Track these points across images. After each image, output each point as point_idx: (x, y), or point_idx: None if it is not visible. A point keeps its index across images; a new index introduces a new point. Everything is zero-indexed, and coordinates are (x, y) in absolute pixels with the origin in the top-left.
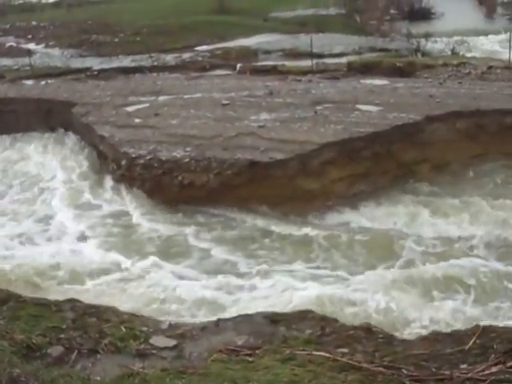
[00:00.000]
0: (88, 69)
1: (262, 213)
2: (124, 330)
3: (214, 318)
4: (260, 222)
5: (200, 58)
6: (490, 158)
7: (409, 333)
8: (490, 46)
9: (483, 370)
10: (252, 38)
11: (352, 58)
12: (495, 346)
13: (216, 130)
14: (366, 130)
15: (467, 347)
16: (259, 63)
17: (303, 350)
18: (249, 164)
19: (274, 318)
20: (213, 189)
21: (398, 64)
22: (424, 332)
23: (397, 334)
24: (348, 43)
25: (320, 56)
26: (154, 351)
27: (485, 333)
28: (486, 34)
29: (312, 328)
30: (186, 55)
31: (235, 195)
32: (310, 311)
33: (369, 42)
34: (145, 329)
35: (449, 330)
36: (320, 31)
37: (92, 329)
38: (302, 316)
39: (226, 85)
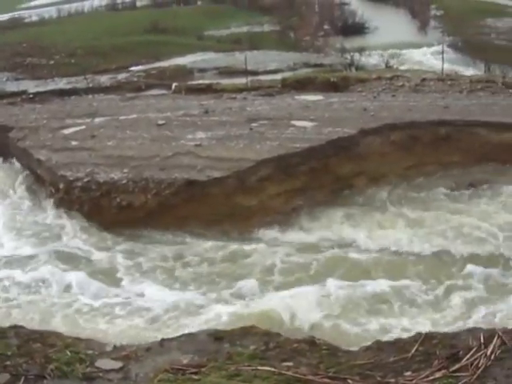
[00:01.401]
0: (23, 92)
1: (201, 231)
2: (69, 354)
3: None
4: (196, 242)
5: (135, 79)
6: (426, 169)
7: None
8: (423, 58)
9: (427, 376)
10: (187, 57)
11: (286, 75)
12: (438, 352)
13: (153, 151)
14: (301, 146)
15: (410, 355)
16: (194, 82)
17: (248, 366)
18: (186, 183)
19: (217, 336)
20: (151, 209)
21: (332, 79)
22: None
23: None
24: (282, 60)
25: (255, 73)
26: (100, 374)
27: (427, 340)
28: (419, 46)
29: (256, 343)
30: (121, 76)
31: (174, 215)
32: (253, 327)
33: (303, 58)
34: (90, 352)
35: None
36: (254, 48)
37: (37, 354)
38: (246, 332)
39: (161, 105)
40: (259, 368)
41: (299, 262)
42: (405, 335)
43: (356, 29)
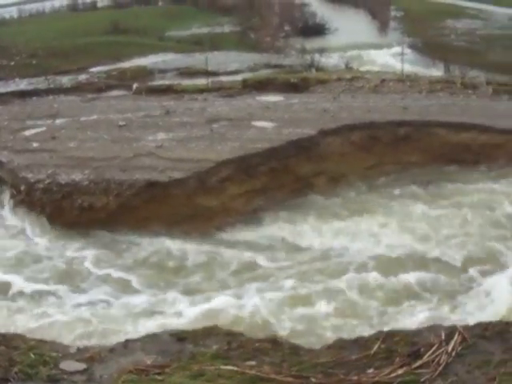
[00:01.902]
0: None
1: (162, 232)
2: (33, 356)
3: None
4: (158, 242)
5: (96, 80)
6: (385, 168)
7: None
8: (383, 59)
9: (390, 373)
10: (147, 58)
11: (247, 75)
12: (399, 350)
13: (114, 152)
14: (262, 146)
15: (372, 352)
16: (155, 83)
17: (212, 366)
18: (147, 184)
19: (180, 336)
20: (113, 211)
21: (292, 80)
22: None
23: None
24: (243, 60)
25: (215, 74)
26: (64, 376)
27: (388, 337)
28: (379, 47)
29: (218, 343)
30: (82, 77)
31: (135, 216)
32: (216, 327)
33: (263, 59)
34: (54, 354)
35: (353, 337)
36: (215, 49)
37: (1, 357)
38: (208, 332)
39: (122, 105)
40: (222, 367)
41: (260, 263)
42: None
43: (316, 30)
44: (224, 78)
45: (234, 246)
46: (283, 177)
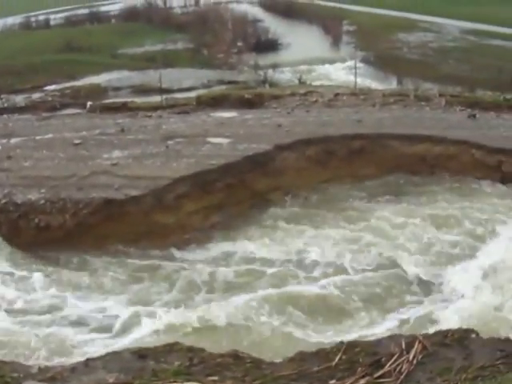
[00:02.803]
0: None
1: (119, 250)
2: None
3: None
4: (115, 260)
5: (50, 98)
6: (341, 181)
7: None
8: (336, 73)
9: (352, 383)
10: (101, 76)
11: (201, 92)
12: (361, 360)
13: (70, 170)
14: (217, 162)
15: (334, 363)
16: (109, 101)
17: (174, 382)
18: (104, 202)
19: (141, 353)
20: (70, 230)
21: (246, 96)
22: None
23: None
24: (197, 77)
25: (169, 91)
26: None
27: (349, 348)
28: (332, 62)
29: (180, 359)
30: (36, 95)
31: (93, 235)
32: (177, 343)
33: (217, 75)
34: (15, 375)
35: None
36: (169, 66)
37: None
38: (169, 348)
39: (77, 124)
40: None
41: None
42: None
43: (269, 45)
44: (178, 95)
45: (190, 261)
46: (240, 192)
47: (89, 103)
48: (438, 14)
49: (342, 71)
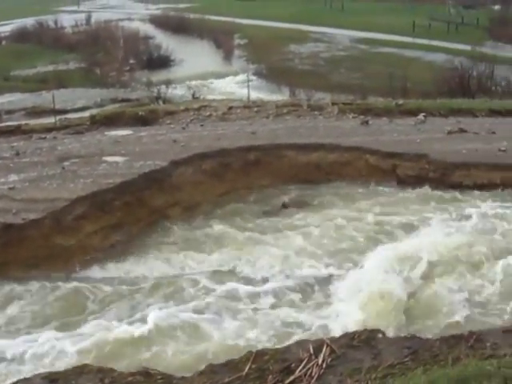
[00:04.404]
0: None
1: (21, 276)
2: None
3: None
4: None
5: None
6: (238, 194)
7: None
8: (229, 87)
9: None
10: None
11: (95, 111)
12: (271, 367)
13: None
14: (114, 181)
15: (245, 373)
16: (2, 124)
17: None
18: (2, 228)
19: (52, 378)
20: None
21: (140, 113)
22: None
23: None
24: (90, 96)
25: (63, 112)
26: None
27: (258, 357)
28: (225, 76)
29: (91, 381)
30: None
31: None
32: (86, 365)
33: (110, 94)
34: None
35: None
36: (62, 86)
37: None
38: (79, 371)
39: None
40: None
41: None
42: None
43: (161, 62)
44: (72, 115)
45: (92, 283)
46: (138, 210)
47: None
48: (329, 24)
49: (235, 85)
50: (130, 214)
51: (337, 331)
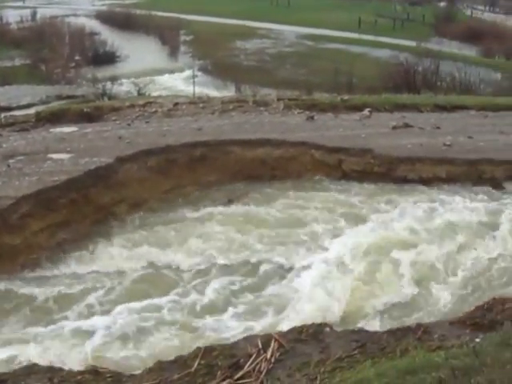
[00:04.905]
0: None
1: None
2: None
3: None
4: None
5: None
6: (184, 190)
7: None
8: (175, 83)
9: None
10: None
11: (40, 108)
12: (220, 363)
13: None
14: (59, 179)
15: (194, 369)
16: None
17: None
18: None
19: (0, 378)
20: None
21: (85, 109)
22: None
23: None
24: (35, 93)
25: (8, 109)
26: None
27: (207, 353)
28: (171, 72)
29: (40, 380)
30: None
31: None
32: (35, 364)
33: (55, 91)
34: None
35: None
36: (6, 83)
37: None
38: (28, 371)
39: None
40: None
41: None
42: None
43: (107, 58)
44: (17, 113)
45: (40, 281)
46: (84, 208)
47: None
48: (275, 20)
49: (181, 81)
50: (76, 211)
51: None
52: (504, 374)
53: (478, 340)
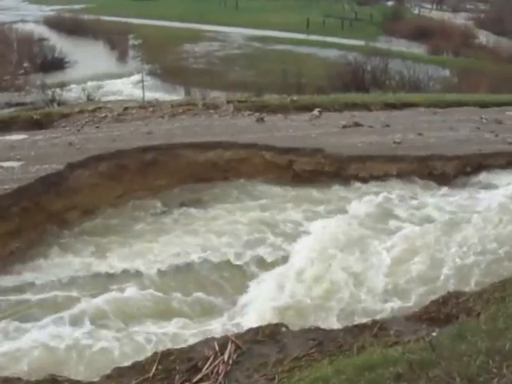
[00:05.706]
0: None
1: None
2: None
3: None
4: None
5: None
6: (136, 195)
7: None
8: (124, 88)
9: None
10: None
11: None
12: (177, 367)
13: None
14: (11, 187)
15: (151, 374)
16: None
17: None
18: None
19: None
20: None
21: (35, 116)
22: None
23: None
24: None
25: None
26: None
27: (164, 357)
28: (120, 77)
29: None
30: None
31: None
32: None
33: (4, 98)
34: None
35: (129, 364)
36: None
37: None
38: None
39: None
40: None
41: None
42: None
43: (56, 64)
44: None
45: None
46: (36, 215)
47: None
48: (223, 23)
49: (130, 85)
50: (29, 219)
51: None
52: (461, 366)
53: (434, 334)
